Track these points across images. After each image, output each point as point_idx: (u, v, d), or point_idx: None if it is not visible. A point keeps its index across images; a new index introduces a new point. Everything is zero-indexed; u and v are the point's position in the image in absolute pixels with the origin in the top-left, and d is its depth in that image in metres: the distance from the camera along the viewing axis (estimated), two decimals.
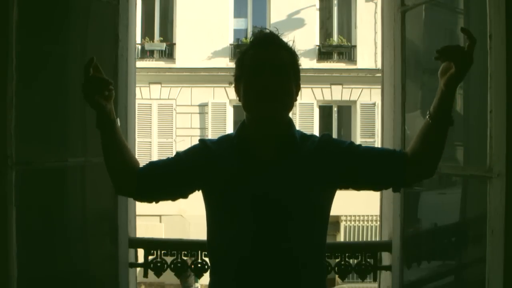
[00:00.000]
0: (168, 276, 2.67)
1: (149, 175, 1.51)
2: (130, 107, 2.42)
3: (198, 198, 1.61)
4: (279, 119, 1.48)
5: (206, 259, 2.50)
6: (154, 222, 10.88)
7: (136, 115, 2.63)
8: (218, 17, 11.92)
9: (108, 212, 2.38)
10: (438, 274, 2.46)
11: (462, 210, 2.30)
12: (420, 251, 2.51)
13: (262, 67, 1.43)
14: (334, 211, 1.55)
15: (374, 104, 11.56)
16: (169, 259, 2.57)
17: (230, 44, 12.07)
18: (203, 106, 12.02)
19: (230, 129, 11.42)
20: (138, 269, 2.63)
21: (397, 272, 2.44)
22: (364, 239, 11.39)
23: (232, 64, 1.58)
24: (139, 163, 1.53)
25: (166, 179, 1.52)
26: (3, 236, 1.84)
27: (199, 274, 2.59)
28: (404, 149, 1.83)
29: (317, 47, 12.05)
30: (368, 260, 2.59)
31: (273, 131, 1.48)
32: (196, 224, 6.19)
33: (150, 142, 11.77)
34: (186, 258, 2.59)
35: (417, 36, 2.60)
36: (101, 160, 1.49)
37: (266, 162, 1.46)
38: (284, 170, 1.46)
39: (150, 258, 2.57)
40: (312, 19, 12.07)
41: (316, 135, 1.58)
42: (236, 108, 11.70)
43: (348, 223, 11.80)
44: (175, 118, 12.03)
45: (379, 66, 4.14)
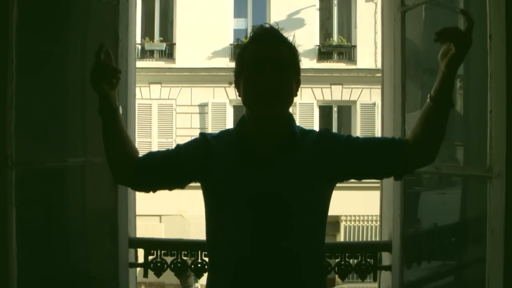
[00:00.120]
0: (168, 276, 2.67)
1: (148, 166, 1.51)
2: (130, 107, 2.42)
3: (198, 198, 1.61)
4: (280, 116, 1.48)
5: (206, 259, 2.50)
6: (154, 222, 10.89)
7: (136, 115, 2.63)
8: (218, 17, 11.92)
9: (108, 212, 2.37)
10: (438, 274, 2.46)
11: (462, 210, 2.30)
12: (420, 251, 2.51)
13: (262, 63, 1.43)
14: (334, 211, 1.55)
15: (374, 104, 11.56)
16: (169, 259, 2.57)
17: (230, 44, 12.07)
18: (203, 106, 12.02)
19: None
20: (138, 269, 2.62)
21: (397, 272, 2.44)
22: (364, 239, 11.39)
23: (232, 64, 1.57)
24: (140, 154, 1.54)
25: (166, 172, 1.52)
26: (3, 236, 1.83)
27: (199, 274, 2.59)
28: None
29: (317, 47, 12.04)
30: (368, 260, 2.59)
31: (273, 128, 1.48)
32: (196, 224, 6.18)
33: (150, 142, 11.76)
34: (186, 258, 2.60)
35: (417, 36, 2.60)
36: (101, 160, 1.49)
37: (266, 159, 1.46)
38: (284, 166, 1.45)
39: (150, 258, 2.57)
40: (312, 19, 12.07)
41: (315, 130, 1.57)
42: (236, 108, 11.70)
43: (348, 223, 11.80)
44: (175, 118, 12.03)
45: (379, 66, 4.14)
